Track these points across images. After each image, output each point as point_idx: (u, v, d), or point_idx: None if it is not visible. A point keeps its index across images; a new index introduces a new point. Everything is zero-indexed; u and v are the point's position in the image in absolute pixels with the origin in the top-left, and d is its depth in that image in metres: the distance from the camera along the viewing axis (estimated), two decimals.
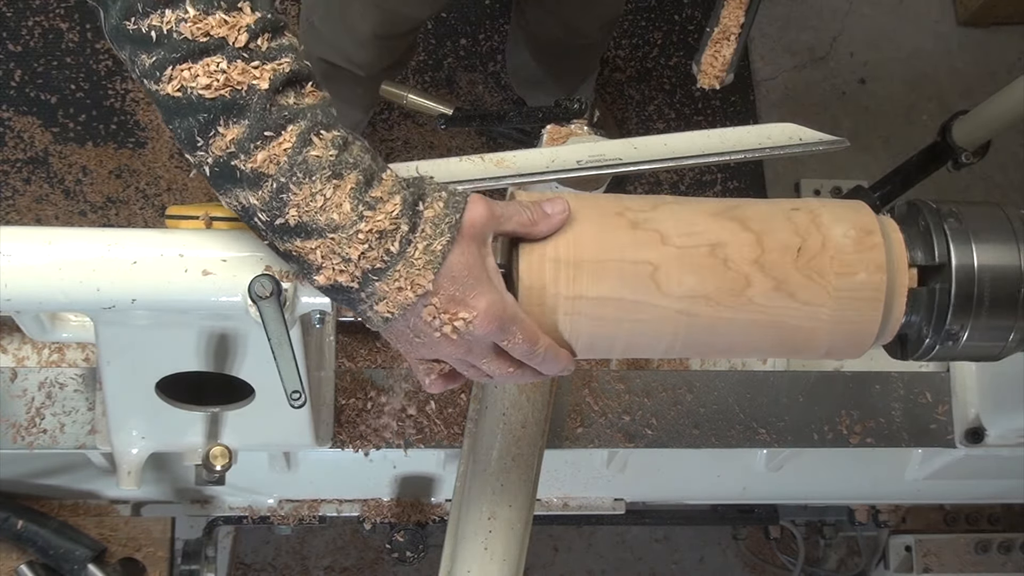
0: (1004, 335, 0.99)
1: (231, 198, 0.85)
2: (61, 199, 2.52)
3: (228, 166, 0.83)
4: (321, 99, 0.86)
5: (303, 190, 0.82)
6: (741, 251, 0.94)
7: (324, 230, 0.84)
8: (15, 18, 2.63)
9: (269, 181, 0.83)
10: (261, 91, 0.81)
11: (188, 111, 0.82)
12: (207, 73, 0.80)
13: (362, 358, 1.48)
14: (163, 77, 0.81)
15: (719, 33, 1.32)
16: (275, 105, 0.82)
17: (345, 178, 0.83)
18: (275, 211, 0.83)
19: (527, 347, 0.91)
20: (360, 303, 0.87)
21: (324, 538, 2.53)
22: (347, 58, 2.03)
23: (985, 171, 2.84)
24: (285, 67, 0.83)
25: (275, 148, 0.82)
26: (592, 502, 1.67)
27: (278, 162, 0.82)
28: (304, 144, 0.82)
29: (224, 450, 1.27)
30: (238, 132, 0.81)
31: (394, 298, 0.86)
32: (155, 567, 1.49)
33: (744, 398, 1.46)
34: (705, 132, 1.08)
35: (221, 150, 0.82)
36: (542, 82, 2.50)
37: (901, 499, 1.83)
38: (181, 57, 0.80)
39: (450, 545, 1.31)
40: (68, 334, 1.24)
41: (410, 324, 0.88)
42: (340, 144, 0.84)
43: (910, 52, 3.00)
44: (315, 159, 0.83)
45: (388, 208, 0.84)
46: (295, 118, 0.83)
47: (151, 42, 0.80)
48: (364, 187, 0.84)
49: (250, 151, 0.82)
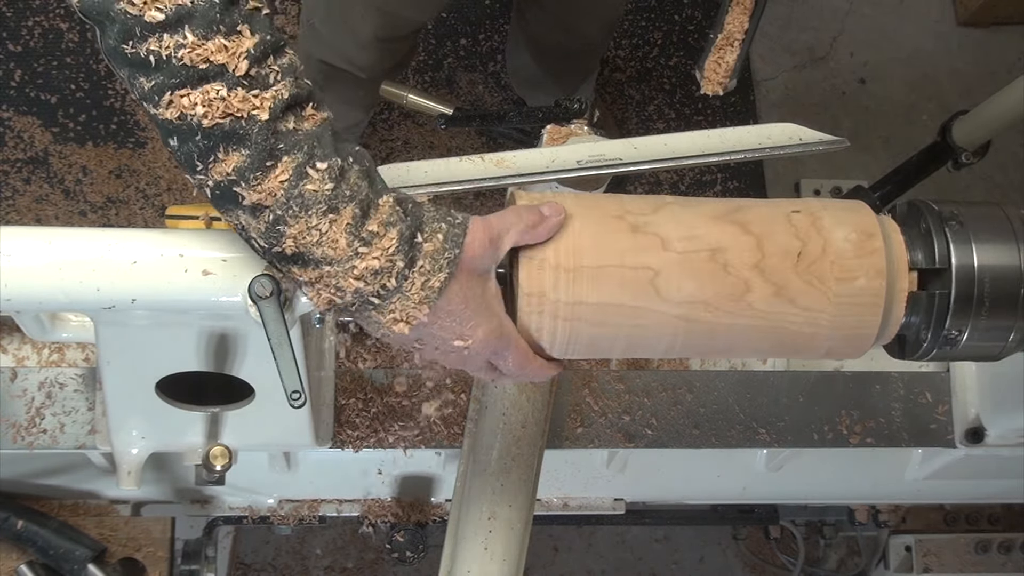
0: (1004, 335, 0.99)
1: (232, 217, 0.85)
2: (61, 199, 2.52)
3: (230, 191, 0.82)
4: (321, 122, 0.84)
5: (299, 223, 0.82)
6: (741, 256, 0.94)
7: (320, 262, 0.84)
8: (15, 18, 2.63)
9: (266, 212, 0.82)
10: (262, 121, 0.80)
11: (188, 136, 0.81)
12: (205, 101, 0.79)
13: (362, 358, 1.48)
14: (161, 102, 0.79)
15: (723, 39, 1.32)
16: (275, 134, 0.81)
17: (341, 212, 0.83)
18: (272, 239, 0.84)
19: (517, 369, 0.94)
20: (359, 322, 0.90)
21: (324, 538, 2.53)
22: (348, 60, 2.03)
23: (985, 171, 2.84)
24: (284, 92, 0.81)
25: (272, 181, 0.81)
26: (592, 502, 1.67)
27: (275, 194, 0.81)
28: (300, 177, 0.82)
29: (224, 450, 1.27)
30: (238, 160, 0.80)
31: (390, 327, 0.88)
32: (155, 567, 1.49)
33: (744, 398, 1.46)
34: (705, 132, 1.08)
35: (222, 175, 0.81)
36: (542, 83, 2.50)
37: (901, 499, 1.83)
38: (180, 83, 0.79)
39: (450, 545, 1.31)
40: (68, 334, 1.24)
41: (407, 342, 0.91)
42: (336, 176, 0.83)
43: (910, 52, 3.00)
44: (311, 193, 0.82)
45: (384, 244, 0.84)
46: (292, 149, 0.82)
47: (150, 66, 0.79)
48: (360, 220, 0.84)
49: (250, 181, 0.81)
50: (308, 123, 0.83)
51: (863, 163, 2.80)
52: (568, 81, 2.49)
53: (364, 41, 1.97)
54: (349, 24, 1.95)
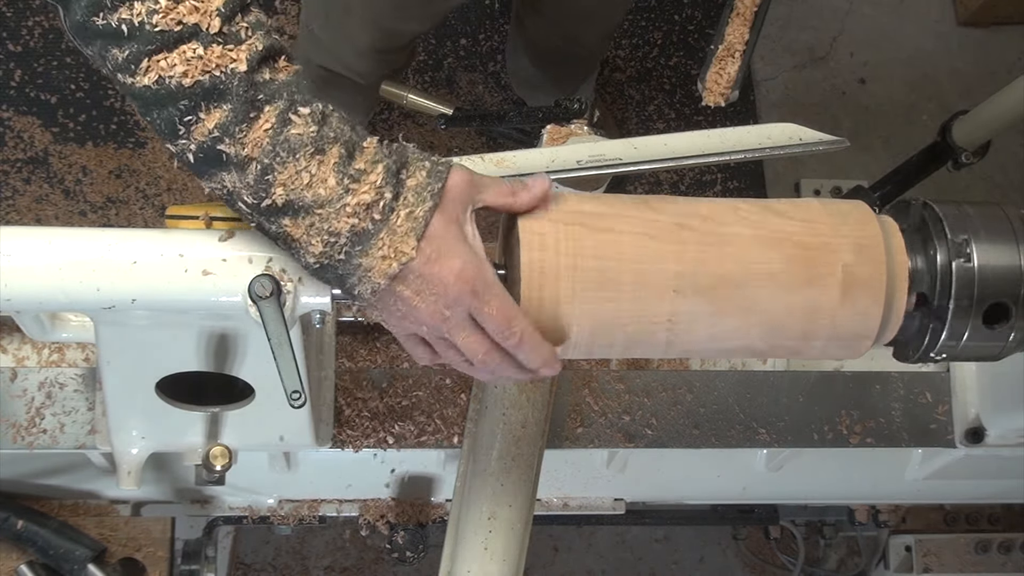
0: (1004, 335, 0.99)
1: (216, 182, 0.85)
2: (61, 199, 2.52)
3: (214, 151, 0.83)
4: (295, 72, 0.86)
5: (288, 169, 0.83)
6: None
7: (311, 207, 0.84)
8: (15, 18, 2.63)
9: (253, 164, 0.83)
10: (240, 73, 0.81)
11: (167, 100, 0.81)
12: (184, 61, 0.80)
13: (362, 358, 1.48)
14: (139, 70, 0.80)
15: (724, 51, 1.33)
16: (253, 85, 0.82)
17: (327, 152, 0.84)
18: (261, 192, 0.84)
19: (502, 322, 0.90)
20: (348, 277, 0.88)
21: (324, 538, 2.53)
22: (346, 66, 2.03)
23: (985, 171, 2.84)
24: (258, 44, 0.83)
25: (257, 131, 0.82)
26: (592, 502, 1.67)
27: (260, 144, 0.82)
28: (284, 124, 0.83)
29: (224, 450, 1.27)
30: (220, 116, 0.81)
31: (379, 268, 0.87)
32: (155, 567, 1.49)
33: (744, 398, 1.46)
34: (705, 132, 1.09)
35: (204, 135, 0.82)
36: (541, 85, 2.50)
37: (901, 499, 1.83)
38: (156, 48, 0.80)
39: (450, 545, 1.31)
40: (68, 334, 1.24)
41: (396, 292, 0.88)
42: (319, 119, 0.85)
43: (910, 52, 3.00)
44: (296, 137, 0.83)
45: (372, 178, 0.85)
46: (272, 98, 0.83)
47: (122, 36, 0.79)
48: (347, 160, 0.85)
49: (235, 134, 0.82)
50: (283, 74, 0.85)
51: (863, 163, 2.80)
52: (567, 83, 2.49)
53: (362, 50, 1.97)
54: (347, 33, 1.95)
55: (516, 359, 0.92)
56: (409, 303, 0.89)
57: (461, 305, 0.89)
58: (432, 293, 0.88)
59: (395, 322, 0.92)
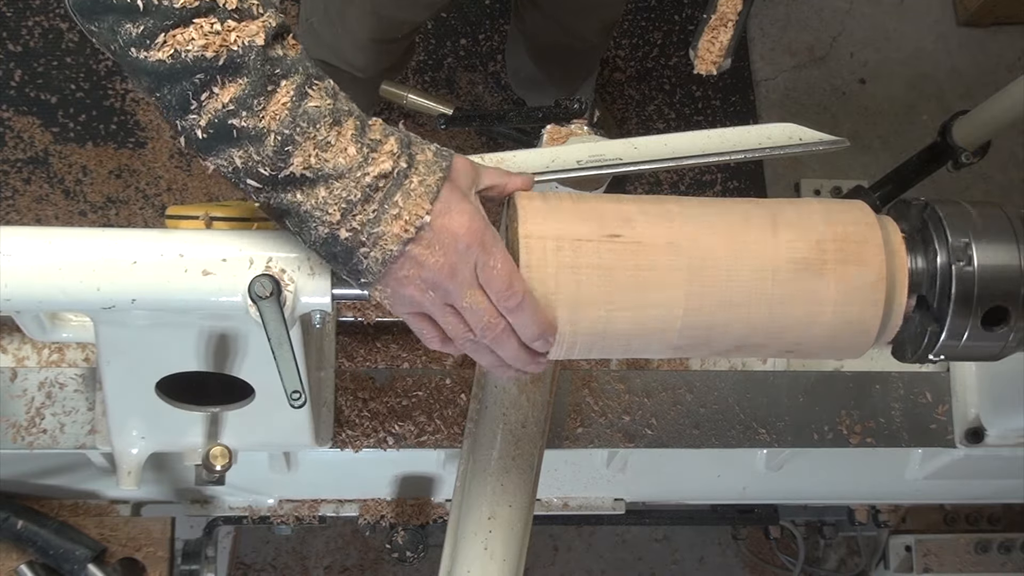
0: (1004, 335, 0.99)
1: (224, 159, 0.86)
2: (61, 199, 2.52)
3: (225, 125, 0.83)
4: (302, 51, 0.87)
5: (309, 140, 0.84)
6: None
7: (330, 176, 0.85)
8: (15, 18, 2.63)
9: (272, 136, 0.84)
10: (258, 47, 0.82)
11: (182, 74, 0.82)
12: (202, 35, 0.81)
13: (362, 358, 1.48)
14: (154, 44, 0.81)
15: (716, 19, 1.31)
16: (269, 60, 0.83)
17: (344, 124, 0.86)
18: (280, 163, 0.84)
19: (505, 278, 0.91)
20: (358, 248, 0.88)
21: (324, 538, 2.53)
22: (346, 60, 2.03)
23: (985, 171, 2.84)
24: (272, 20, 0.84)
25: (275, 104, 0.83)
26: (592, 502, 1.67)
27: (279, 116, 0.83)
28: (302, 97, 0.84)
29: (224, 450, 1.27)
30: (236, 90, 0.82)
31: (393, 233, 0.87)
32: (155, 567, 1.49)
33: (744, 398, 1.46)
34: (705, 132, 1.08)
35: (216, 110, 0.83)
36: (541, 83, 2.50)
37: (901, 499, 1.83)
38: (174, 23, 0.80)
39: (450, 545, 1.31)
40: (68, 334, 1.24)
41: (407, 254, 0.89)
42: (332, 93, 0.87)
43: (910, 52, 3.00)
44: (315, 109, 0.85)
45: (388, 147, 0.87)
46: (289, 72, 0.84)
47: (137, 11, 0.80)
48: (362, 130, 0.87)
49: (253, 107, 0.83)
50: (292, 51, 0.86)
51: (863, 163, 2.80)
52: (568, 82, 2.49)
53: (361, 42, 1.97)
54: (346, 26, 1.96)
55: (515, 329, 0.94)
56: (419, 261, 0.89)
57: (470, 256, 0.90)
58: (442, 245, 0.89)
59: (400, 295, 0.92)
